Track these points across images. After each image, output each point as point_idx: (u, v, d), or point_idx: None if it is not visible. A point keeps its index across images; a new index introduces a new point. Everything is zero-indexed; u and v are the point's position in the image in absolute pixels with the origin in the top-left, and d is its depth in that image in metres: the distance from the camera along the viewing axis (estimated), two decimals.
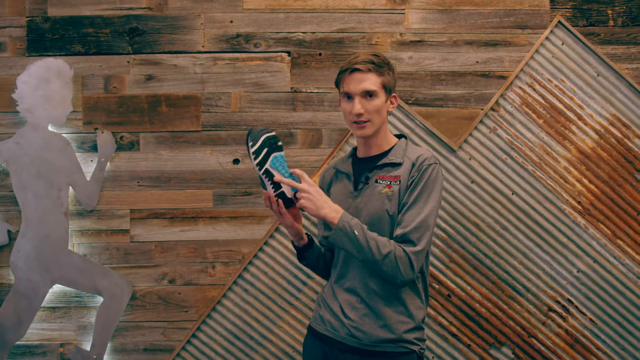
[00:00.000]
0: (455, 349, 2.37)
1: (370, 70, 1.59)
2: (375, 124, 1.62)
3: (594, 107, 2.38)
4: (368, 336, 1.59)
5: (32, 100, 2.34)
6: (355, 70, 1.60)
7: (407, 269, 1.52)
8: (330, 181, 1.78)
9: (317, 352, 1.68)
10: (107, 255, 2.38)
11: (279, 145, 1.61)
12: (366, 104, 1.60)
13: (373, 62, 1.60)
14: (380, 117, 1.63)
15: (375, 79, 1.60)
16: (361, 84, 1.59)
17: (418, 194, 1.56)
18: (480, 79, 2.40)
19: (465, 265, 2.37)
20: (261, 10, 2.40)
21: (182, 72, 2.39)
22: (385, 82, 1.62)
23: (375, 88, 1.59)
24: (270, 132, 1.61)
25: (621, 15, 2.41)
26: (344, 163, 1.75)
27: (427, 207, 1.56)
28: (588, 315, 2.37)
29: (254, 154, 1.59)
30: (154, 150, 2.40)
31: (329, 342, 1.65)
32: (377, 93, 1.60)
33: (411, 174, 1.59)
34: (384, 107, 1.63)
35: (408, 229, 1.53)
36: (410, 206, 1.56)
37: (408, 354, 1.59)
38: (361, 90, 1.59)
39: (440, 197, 1.60)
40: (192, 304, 2.39)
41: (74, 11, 2.39)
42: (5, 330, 2.32)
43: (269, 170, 1.59)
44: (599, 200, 2.37)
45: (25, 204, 2.33)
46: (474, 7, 2.40)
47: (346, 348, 1.61)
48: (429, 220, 1.55)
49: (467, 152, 2.38)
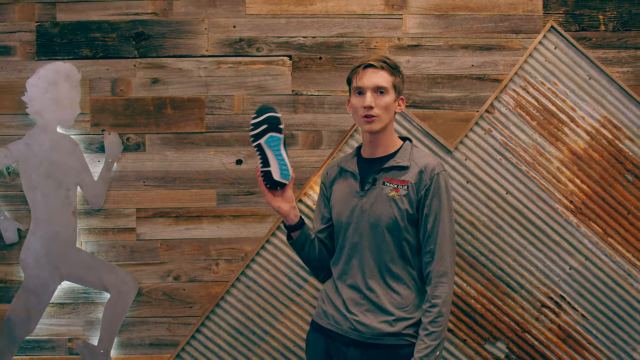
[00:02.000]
0: (452, 344, 2.42)
1: (383, 67, 1.66)
2: (383, 120, 1.66)
3: (585, 109, 2.43)
4: (370, 330, 1.63)
5: (42, 103, 2.38)
6: (370, 65, 1.66)
7: (449, 283, 1.63)
8: (334, 178, 1.81)
9: (320, 345, 1.73)
10: (114, 252, 2.43)
11: (279, 127, 1.66)
12: (377, 99, 1.65)
13: (386, 62, 1.67)
14: (388, 114, 1.67)
15: (387, 77, 1.66)
16: (374, 78, 1.65)
17: (437, 211, 1.64)
18: (475, 82, 2.46)
19: (461, 262, 2.42)
20: (263, 16, 2.45)
21: (186, 75, 2.44)
22: (396, 83, 1.68)
23: (386, 85, 1.65)
24: (276, 113, 1.66)
25: (612, 21, 2.46)
26: (349, 162, 1.78)
27: (447, 224, 1.65)
28: (580, 311, 2.42)
29: (253, 126, 1.65)
30: (159, 151, 2.44)
31: (332, 336, 1.69)
32: (388, 90, 1.66)
33: (423, 183, 1.64)
34: (393, 106, 1.68)
35: (442, 263, 1.63)
36: (433, 227, 1.64)
37: (408, 346, 1.64)
38: (374, 85, 1.65)
39: (452, 202, 1.68)
40: (196, 300, 2.44)
41: (82, 16, 2.43)
42: (15, 326, 2.37)
43: (261, 145, 1.65)
44: (590, 199, 2.43)
45: (35, 203, 2.37)
46: (469, 13, 2.46)
47: (349, 341, 1.65)
48: (452, 238, 1.66)
49: (462, 153, 2.44)
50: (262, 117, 1.65)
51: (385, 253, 1.66)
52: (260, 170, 1.68)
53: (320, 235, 1.83)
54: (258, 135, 1.65)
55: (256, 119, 1.66)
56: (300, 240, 1.77)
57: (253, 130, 1.67)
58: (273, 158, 1.66)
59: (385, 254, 1.66)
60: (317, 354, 1.74)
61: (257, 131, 1.65)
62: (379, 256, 1.67)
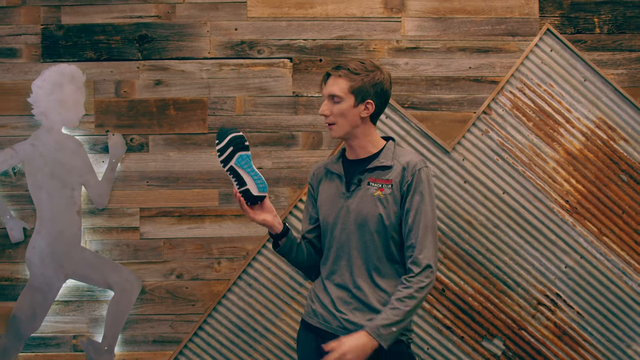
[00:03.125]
0: (449, 341, 2.45)
1: (340, 76, 1.65)
2: (341, 127, 1.67)
3: (581, 110, 2.47)
4: (359, 328, 1.62)
5: (47, 104, 2.41)
6: (329, 75, 1.69)
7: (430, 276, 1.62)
8: (320, 179, 1.81)
9: (310, 343, 1.73)
10: (117, 251, 2.47)
11: (245, 145, 1.65)
12: (332, 107, 1.67)
13: (348, 68, 1.66)
14: (347, 121, 1.66)
15: (343, 85, 1.65)
16: (330, 87, 1.67)
17: (418, 205, 1.64)
18: (472, 84, 2.49)
19: (459, 261, 2.46)
20: (264, 19, 2.49)
21: (189, 77, 2.48)
22: (355, 88, 1.65)
23: (340, 93, 1.65)
24: (237, 132, 1.65)
25: (607, 24, 2.49)
26: (335, 164, 1.78)
27: (429, 217, 1.64)
28: (575, 308, 2.45)
29: (219, 152, 1.65)
30: (162, 152, 2.48)
31: (321, 334, 1.70)
32: (343, 98, 1.65)
33: (405, 180, 1.65)
34: (351, 111, 1.66)
35: (423, 254, 1.62)
36: (414, 221, 1.64)
37: (397, 343, 1.64)
38: (328, 93, 1.67)
39: (434, 197, 1.68)
40: (198, 298, 2.47)
41: (87, 19, 2.47)
42: (21, 323, 2.40)
43: (233, 167, 1.64)
44: (585, 199, 2.46)
45: (40, 202, 2.41)
46: (467, 16, 2.49)
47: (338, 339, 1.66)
48: (434, 231, 1.65)
49: (460, 154, 2.47)
50: (226, 141, 1.64)
51: (373, 252, 1.67)
52: (239, 191, 1.67)
53: (309, 235, 1.84)
54: (227, 159, 1.64)
55: (220, 144, 1.65)
56: (287, 247, 1.76)
57: (221, 155, 1.65)
58: (247, 175, 1.65)
59: (372, 253, 1.67)
60: (308, 352, 1.75)
61: (225, 155, 1.64)
62: (366, 255, 1.68)
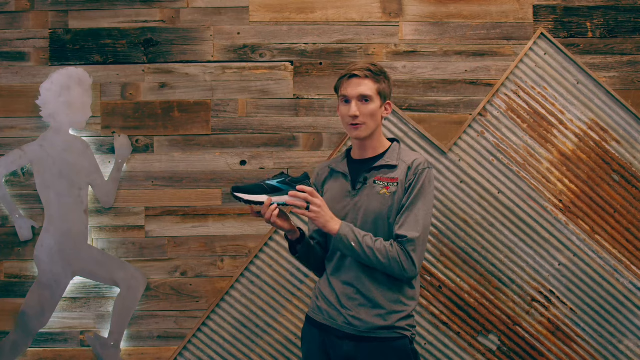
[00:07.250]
0: (446, 337, 2.50)
1: (367, 76, 1.67)
2: (369, 127, 1.69)
3: (574, 112, 2.51)
4: (364, 324, 1.66)
5: (55, 106, 2.45)
6: (354, 76, 1.68)
7: (410, 266, 1.63)
8: (325, 179, 1.83)
9: (315, 339, 1.75)
10: (123, 249, 2.51)
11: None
12: (362, 108, 1.67)
13: (370, 69, 1.68)
14: (374, 121, 1.69)
15: (371, 85, 1.67)
16: (358, 88, 1.67)
17: (415, 197, 1.66)
18: (468, 87, 2.54)
19: (455, 258, 2.50)
20: (266, 23, 2.53)
21: (193, 80, 2.52)
22: (381, 89, 1.69)
23: (370, 93, 1.67)
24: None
25: (599, 28, 2.54)
26: (340, 163, 1.80)
27: (423, 208, 1.66)
28: (568, 305, 2.50)
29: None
30: (167, 153, 2.52)
31: (326, 330, 1.72)
32: (373, 98, 1.68)
33: (408, 177, 1.67)
34: (378, 112, 1.70)
35: (406, 228, 1.63)
36: (407, 207, 1.65)
37: (401, 339, 1.68)
38: (358, 94, 1.67)
39: (433, 198, 1.70)
40: (202, 295, 2.51)
41: (93, 24, 2.51)
42: (30, 319, 2.45)
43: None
44: (578, 198, 2.50)
45: (48, 202, 2.45)
46: (463, 20, 2.54)
47: (343, 335, 1.68)
48: (425, 220, 1.66)
49: (456, 154, 2.51)
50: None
51: None
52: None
53: (316, 235, 1.87)
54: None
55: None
56: (304, 250, 1.78)
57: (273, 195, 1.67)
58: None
59: None
60: (313, 348, 1.76)
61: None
62: None
